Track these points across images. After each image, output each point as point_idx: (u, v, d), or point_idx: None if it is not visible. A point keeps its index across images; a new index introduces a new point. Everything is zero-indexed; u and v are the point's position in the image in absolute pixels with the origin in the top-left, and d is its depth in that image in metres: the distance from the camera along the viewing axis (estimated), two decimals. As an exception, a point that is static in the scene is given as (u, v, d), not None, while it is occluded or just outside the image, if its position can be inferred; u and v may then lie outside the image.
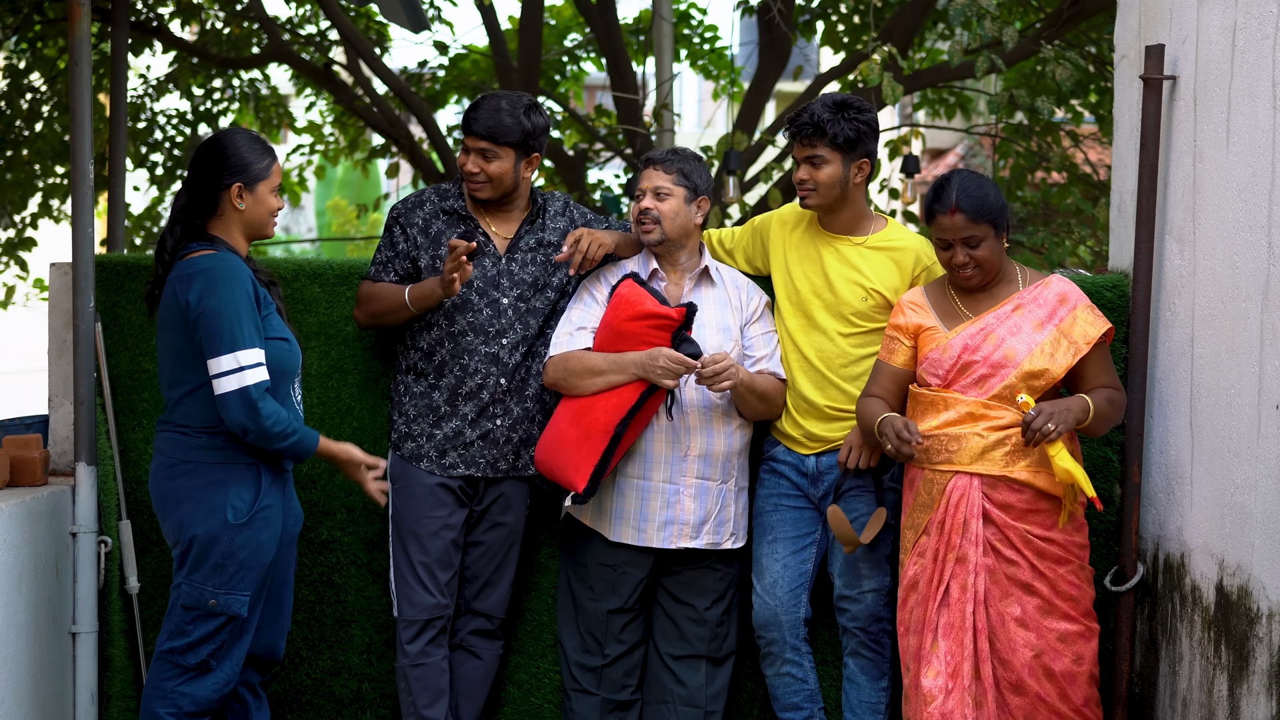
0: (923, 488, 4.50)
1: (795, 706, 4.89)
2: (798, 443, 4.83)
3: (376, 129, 10.82)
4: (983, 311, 4.52)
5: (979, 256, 4.46)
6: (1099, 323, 4.49)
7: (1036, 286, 4.54)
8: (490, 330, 4.82)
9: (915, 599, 4.51)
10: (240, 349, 4.29)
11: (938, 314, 4.56)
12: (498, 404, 4.83)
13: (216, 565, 4.35)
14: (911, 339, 4.58)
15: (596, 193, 10.78)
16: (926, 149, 16.84)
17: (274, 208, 4.51)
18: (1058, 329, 4.46)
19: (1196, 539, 4.44)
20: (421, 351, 4.85)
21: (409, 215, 4.90)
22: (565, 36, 12.34)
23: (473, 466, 4.84)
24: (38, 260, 10.57)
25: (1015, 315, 4.48)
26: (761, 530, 4.90)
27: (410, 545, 4.82)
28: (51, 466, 5.14)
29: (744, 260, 5.04)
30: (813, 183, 4.74)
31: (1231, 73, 4.28)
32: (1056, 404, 4.36)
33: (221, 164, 4.45)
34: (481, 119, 4.79)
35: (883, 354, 4.64)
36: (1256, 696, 4.02)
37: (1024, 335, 4.46)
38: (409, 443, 4.85)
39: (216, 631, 4.39)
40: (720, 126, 18.03)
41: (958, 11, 6.94)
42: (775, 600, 4.84)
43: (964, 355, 4.46)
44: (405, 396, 4.87)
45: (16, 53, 10.38)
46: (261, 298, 4.41)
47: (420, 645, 4.83)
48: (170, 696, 4.42)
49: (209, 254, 4.38)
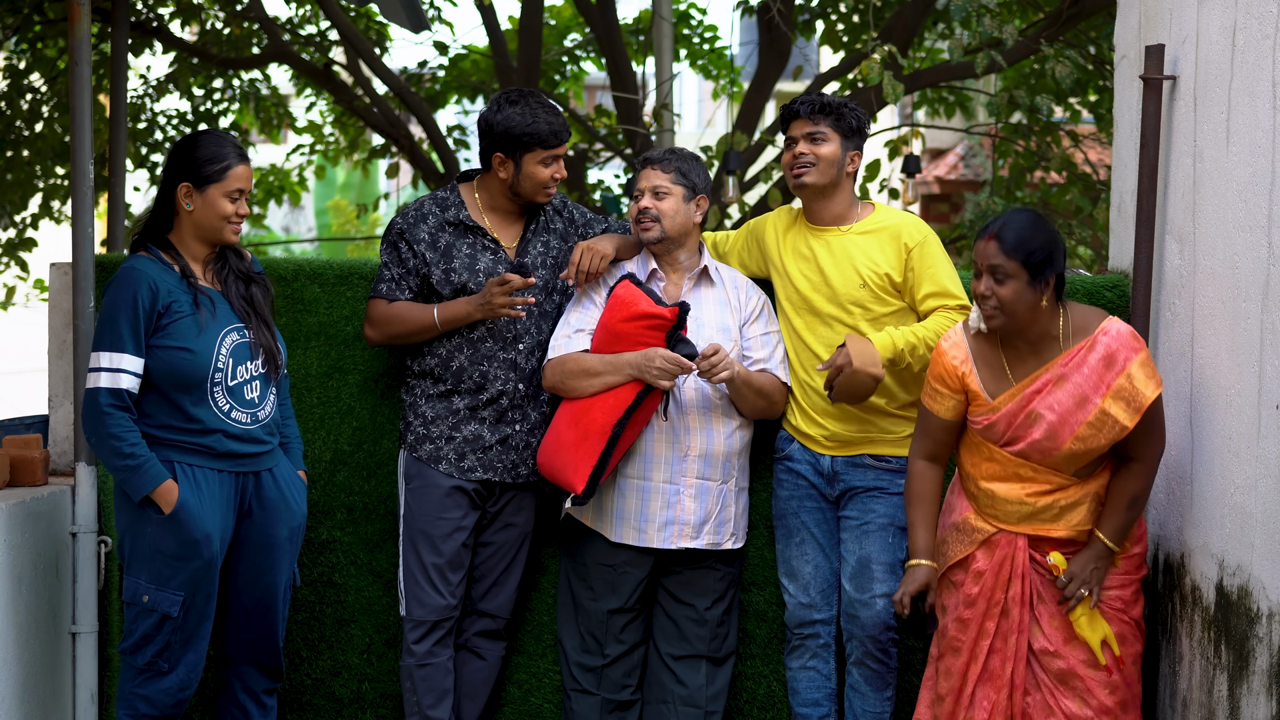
0: (962, 521, 4.45)
1: (816, 703, 4.87)
2: (816, 442, 4.82)
3: (376, 129, 10.82)
4: (1023, 377, 4.33)
5: (1001, 295, 4.24)
6: (1151, 383, 4.24)
7: (1082, 348, 4.28)
8: (508, 336, 4.81)
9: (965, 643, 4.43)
10: (104, 350, 4.35)
11: (980, 370, 4.39)
12: (516, 409, 4.83)
13: (145, 559, 4.39)
14: (959, 393, 4.42)
15: (596, 193, 10.78)
16: (926, 149, 16.83)
17: (225, 212, 4.47)
18: (1101, 405, 4.24)
19: (1196, 539, 4.44)
20: (439, 358, 4.81)
21: (413, 231, 4.83)
22: (565, 36, 12.34)
23: (491, 471, 4.82)
24: (38, 260, 10.57)
25: (1057, 391, 4.28)
26: (788, 532, 4.88)
27: (423, 546, 4.81)
28: (51, 466, 5.14)
29: (738, 264, 5.04)
30: (813, 156, 4.75)
31: (1231, 73, 4.28)
32: (1085, 563, 4.31)
33: (175, 162, 4.50)
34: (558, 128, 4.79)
35: (928, 402, 4.49)
36: (1256, 696, 4.02)
37: (1064, 414, 4.26)
38: (427, 444, 4.82)
39: (155, 630, 4.41)
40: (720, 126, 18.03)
41: (958, 8, 6.94)
42: (809, 599, 4.84)
43: (1008, 431, 4.35)
44: (422, 400, 4.84)
45: (16, 53, 10.37)
46: (169, 306, 4.39)
47: (428, 645, 4.83)
48: (128, 699, 4.46)
49: (133, 257, 4.47)
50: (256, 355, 4.53)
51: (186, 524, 4.38)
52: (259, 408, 4.53)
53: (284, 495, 4.58)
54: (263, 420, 4.54)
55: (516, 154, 4.79)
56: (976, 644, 4.40)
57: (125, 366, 4.34)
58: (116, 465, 4.35)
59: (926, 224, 4.85)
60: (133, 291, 4.36)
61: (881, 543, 4.75)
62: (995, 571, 4.37)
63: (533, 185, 4.82)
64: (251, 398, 4.51)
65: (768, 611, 5.08)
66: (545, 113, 4.79)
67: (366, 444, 5.14)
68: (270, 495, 4.56)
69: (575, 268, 4.77)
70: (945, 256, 4.77)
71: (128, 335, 4.34)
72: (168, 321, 4.39)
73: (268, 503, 4.55)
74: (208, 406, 4.43)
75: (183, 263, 4.47)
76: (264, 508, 4.55)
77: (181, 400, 4.41)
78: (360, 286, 5.14)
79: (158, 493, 4.35)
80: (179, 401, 4.41)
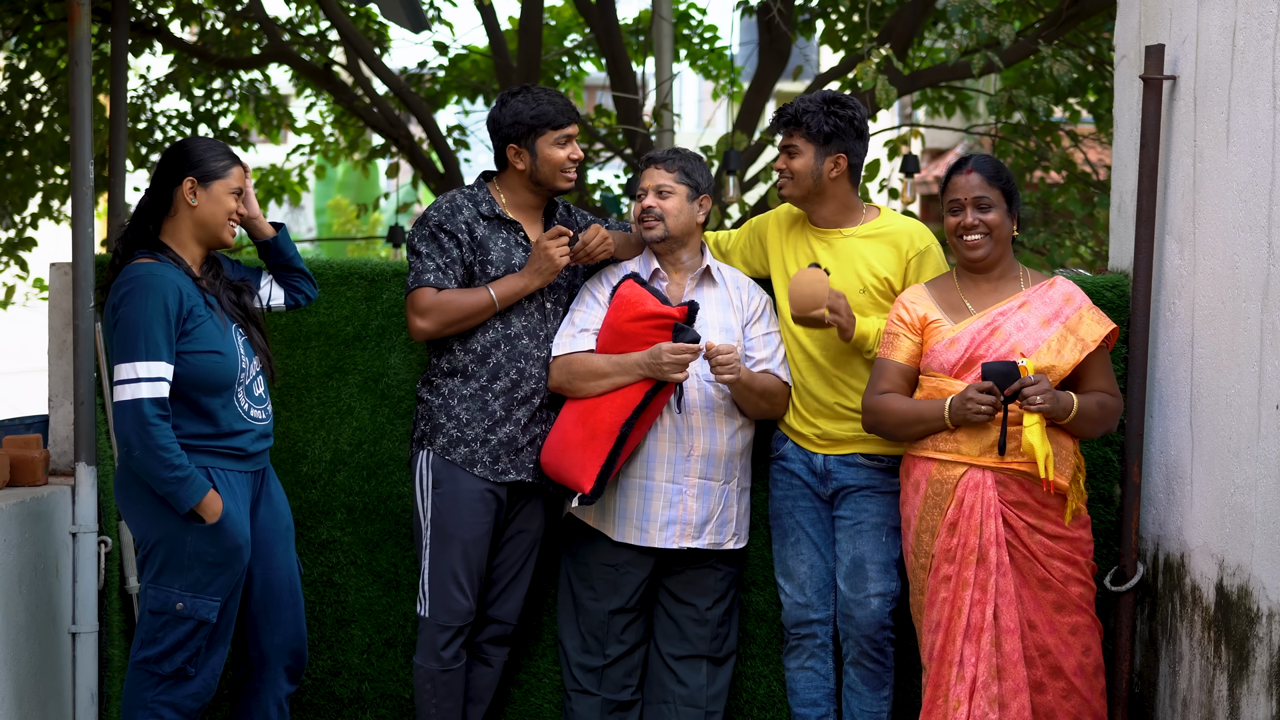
0: (929, 487, 4.48)
1: (814, 703, 4.88)
2: (809, 441, 4.83)
3: (376, 129, 10.83)
4: (988, 306, 4.52)
5: (989, 221, 4.50)
6: (1104, 323, 4.50)
7: (1041, 286, 4.56)
8: (541, 334, 4.81)
9: (942, 597, 4.46)
10: (139, 360, 4.24)
11: (942, 308, 4.56)
12: (546, 409, 4.82)
13: (182, 568, 4.34)
14: (916, 333, 4.56)
15: (596, 193, 10.78)
16: (926, 149, 16.84)
17: (229, 209, 4.45)
18: (1064, 326, 4.47)
19: (1196, 539, 4.44)
20: (474, 354, 4.77)
21: (452, 220, 4.79)
22: (565, 36, 12.35)
23: (523, 472, 4.80)
24: (38, 260, 10.58)
25: (1022, 312, 4.49)
26: (783, 532, 4.89)
27: (454, 550, 4.75)
28: (51, 466, 5.14)
29: (741, 262, 5.04)
30: (788, 171, 4.80)
31: (1231, 73, 4.28)
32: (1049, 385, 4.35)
33: (177, 161, 4.44)
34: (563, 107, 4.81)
35: (883, 352, 4.61)
36: (1256, 696, 4.02)
37: (1030, 330, 4.46)
38: (462, 447, 4.75)
39: (188, 637, 4.37)
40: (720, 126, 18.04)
41: (955, 9, 6.95)
42: (805, 599, 4.84)
43: (970, 350, 4.46)
44: (454, 399, 4.78)
45: (16, 53, 10.38)
46: (191, 311, 4.35)
47: (454, 650, 4.78)
48: (150, 707, 4.40)
49: (144, 263, 4.37)
50: (255, 354, 4.54)
51: (230, 532, 4.36)
52: (266, 402, 4.55)
53: (277, 487, 4.61)
54: (269, 415, 4.56)
55: (529, 141, 4.79)
56: (957, 595, 4.41)
57: (164, 375, 4.26)
58: (165, 478, 4.25)
59: (930, 232, 4.85)
60: (162, 298, 4.29)
61: (875, 542, 4.75)
62: (968, 516, 4.40)
63: (551, 168, 4.82)
64: (260, 393, 4.53)
65: (768, 611, 5.08)
66: (549, 96, 4.83)
67: (366, 444, 5.14)
68: (272, 489, 4.59)
69: (584, 245, 4.77)
70: (945, 266, 4.81)
71: (163, 342, 4.27)
72: (192, 326, 4.34)
73: (271, 497, 4.57)
74: (234, 408, 4.42)
75: (185, 266, 4.46)
76: (270, 503, 4.56)
77: (210, 404, 4.37)
78: (360, 286, 5.14)
79: (203, 504, 4.29)
80: (207, 405, 4.36)
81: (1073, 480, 4.44)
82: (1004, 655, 4.37)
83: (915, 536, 4.53)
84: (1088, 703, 4.45)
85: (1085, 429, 4.45)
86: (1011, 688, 4.36)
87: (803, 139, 4.77)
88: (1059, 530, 4.43)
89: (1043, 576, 4.41)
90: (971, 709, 4.34)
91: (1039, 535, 4.41)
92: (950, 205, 4.55)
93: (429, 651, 4.79)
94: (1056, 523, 4.43)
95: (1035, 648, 4.41)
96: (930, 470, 4.48)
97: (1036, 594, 4.42)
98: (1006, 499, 4.40)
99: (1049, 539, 4.42)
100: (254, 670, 4.62)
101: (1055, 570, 4.42)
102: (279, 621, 4.58)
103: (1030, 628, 4.41)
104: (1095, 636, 4.49)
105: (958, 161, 4.61)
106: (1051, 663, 4.42)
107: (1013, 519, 4.40)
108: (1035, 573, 4.41)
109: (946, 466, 4.45)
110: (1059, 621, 4.42)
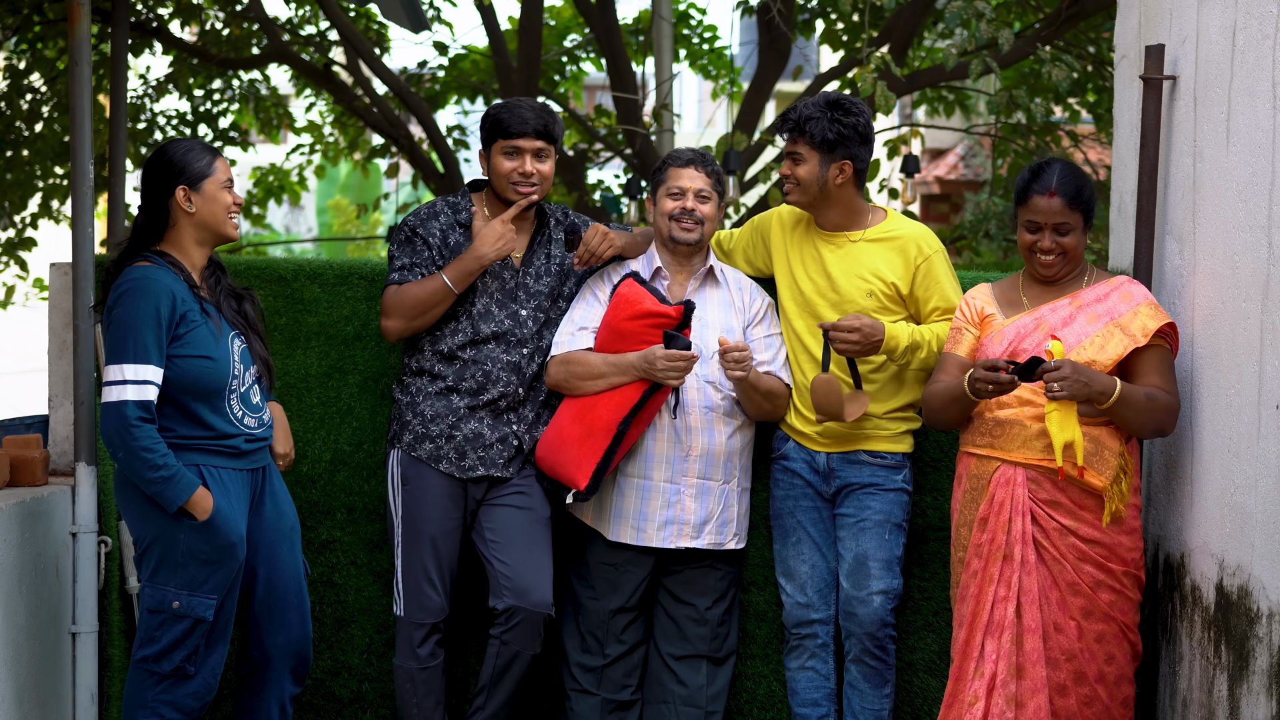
0: (968, 482, 4.47)
1: (815, 703, 4.88)
2: (811, 439, 4.82)
3: (376, 129, 10.82)
4: (1041, 303, 4.50)
5: (1066, 244, 4.44)
6: (1159, 316, 4.42)
7: (1101, 284, 4.50)
8: (512, 339, 4.80)
9: (970, 592, 4.44)
10: (127, 362, 4.27)
11: (999, 304, 4.55)
12: (513, 410, 4.82)
13: (176, 566, 4.35)
14: (977, 327, 4.55)
15: (596, 193, 10.78)
16: (926, 149, 16.83)
17: (227, 203, 4.47)
18: (1114, 323, 4.41)
19: (1196, 539, 4.44)
20: (441, 355, 4.79)
21: (426, 225, 4.82)
22: (565, 36, 12.34)
23: (493, 467, 4.81)
24: (38, 260, 10.57)
25: (1071, 308, 4.45)
26: (784, 531, 4.89)
27: (424, 547, 4.77)
28: (51, 466, 5.14)
29: (743, 261, 5.04)
30: (793, 178, 4.77)
31: (1231, 73, 4.28)
32: (1085, 369, 4.28)
33: (161, 172, 4.45)
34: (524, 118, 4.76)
35: (948, 346, 4.60)
36: (1256, 696, 4.02)
37: (1076, 326, 4.42)
38: (427, 443, 4.78)
39: (185, 636, 4.37)
40: (720, 126, 18.03)
41: (954, 14, 6.94)
42: (806, 599, 4.85)
43: (1014, 343, 4.44)
44: (420, 398, 4.80)
45: (16, 53, 10.37)
46: (184, 315, 4.36)
47: (429, 648, 4.80)
48: (151, 706, 4.41)
49: (141, 266, 4.39)
50: (254, 362, 4.54)
51: (222, 529, 4.36)
52: (262, 411, 4.54)
53: (281, 487, 4.61)
54: (266, 424, 4.55)
55: (488, 148, 4.80)
56: (983, 591, 4.39)
57: (150, 378, 4.28)
58: (150, 478, 4.28)
59: (936, 238, 4.85)
60: (154, 301, 4.31)
61: (878, 539, 4.76)
62: (997, 513, 4.38)
63: (498, 178, 4.80)
64: (256, 402, 4.52)
65: (768, 611, 5.08)
66: (521, 106, 4.78)
67: (366, 444, 5.14)
68: (276, 489, 4.59)
69: (586, 246, 4.76)
70: (952, 271, 4.83)
71: (152, 346, 4.29)
72: (184, 330, 4.36)
73: (275, 497, 4.57)
74: (224, 414, 4.42)
75: (185, 272, 4.46)
76: (274, 502, 4.56)
77: (199, 409, 4.38)
78: (360, 286, 5.14)
79: (192, 502, 4.30)
80: (196, 410, 4.37)
81: (1114, 481, 4.36)
82: (1024, 654, 4.35)
83: (955, 531, 4.53)
84: (1108, 710, 4.41)
85: (1131, 420, 4.36)
86: (1030, 687, 4.34)
87: (807, 146, 4.73)
88: (1094, 534, 4.37)
89: (1072, 580, 4.36)
90: (989, 706, 4.33)
91: (1072, 538, 4.36)
92: (1027, 224, 4.46)
93: (407, 650, 4.80)
94: (1094, 525, 4.37)
95: (1060, 651, 4.37)
96: (970, 465, 4.48)
97: (1065, 597, 4.37)
98: (1039, 497, 4.37)
99: (1083, 542, 4.36)
100: (257, 670, 4.61)
101: (1085, 575, 4.36)
102: (283, 622, 4.58)
103: (1056, 629, 4.37)
104: (1121, 646, 4.42)
105: (1038, 172, 4.46)
106: (1076, 668, 4.38)
107: (1043, 518, 4.37)
108: (1065, 576, 4.37)
109: (983, 462, 4.44)
110: (1086, 628, 4.37)
